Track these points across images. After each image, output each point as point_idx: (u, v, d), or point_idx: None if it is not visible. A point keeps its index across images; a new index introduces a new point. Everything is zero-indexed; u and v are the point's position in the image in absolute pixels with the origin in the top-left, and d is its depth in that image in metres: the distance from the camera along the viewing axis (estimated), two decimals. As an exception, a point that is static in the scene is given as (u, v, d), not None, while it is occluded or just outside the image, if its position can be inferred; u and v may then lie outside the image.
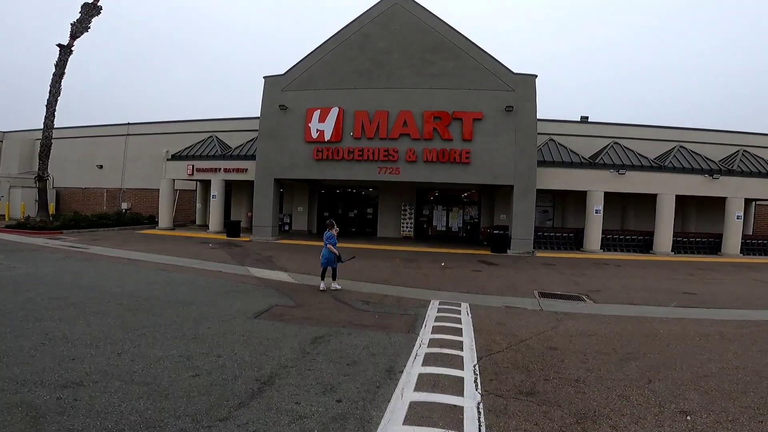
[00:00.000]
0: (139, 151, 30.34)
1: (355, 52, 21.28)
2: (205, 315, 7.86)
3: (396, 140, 20.32)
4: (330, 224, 11.09)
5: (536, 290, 11.79)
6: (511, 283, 12.75)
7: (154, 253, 15.94)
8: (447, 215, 25.37)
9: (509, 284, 12.63)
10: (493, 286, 12.29)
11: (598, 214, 21.26)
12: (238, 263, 14.39)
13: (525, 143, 19.86)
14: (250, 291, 10.24)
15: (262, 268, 13.69)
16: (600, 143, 24.63)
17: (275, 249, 18.28)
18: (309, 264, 14.60)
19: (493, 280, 13.12)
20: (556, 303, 10.33)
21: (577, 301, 10.72)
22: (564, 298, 10.99)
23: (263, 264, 14.41)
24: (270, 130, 21.58)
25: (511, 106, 19.70)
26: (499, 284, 12.57)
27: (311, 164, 21.09)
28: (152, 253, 15.76)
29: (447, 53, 20.62)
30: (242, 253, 16.89)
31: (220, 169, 24.07)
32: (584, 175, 21.43)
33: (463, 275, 13.79)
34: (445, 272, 14.16)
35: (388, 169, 20.39)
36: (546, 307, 9.86)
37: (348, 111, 20.81)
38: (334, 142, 20.77)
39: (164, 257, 15.00)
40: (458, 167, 19.98)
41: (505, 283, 12.82)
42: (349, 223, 26.63)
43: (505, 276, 14.03)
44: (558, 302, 10.43)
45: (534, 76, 20.32)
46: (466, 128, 19.91)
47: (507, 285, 12.49)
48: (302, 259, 15.60)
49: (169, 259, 14.70)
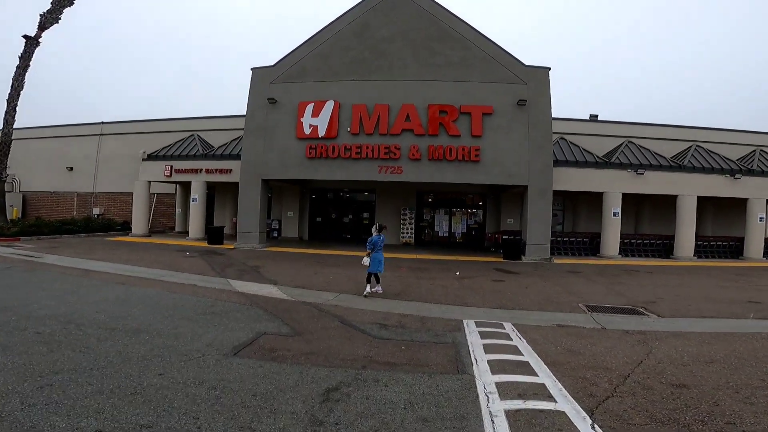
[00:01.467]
0: (114, 152, 27.53)
1: (353, 42, 19.07)
2: (161, 350, 5.44)
3: (398, 136, 18.07)
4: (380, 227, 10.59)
5: (580, 303, 9.88)
6: (546, 295, 10.58)
7: (119, 262, 13.33)
8: (449, 220, 23.15)
9: (544, 296, 10.44)
10: (526, 299, 10.09)
11: (617, 217, 19.29)
12: (218, 275, 11.88)
13: (540, 140, 17.78)
14: (230, 312, 7.79)
15: (246, 280, 11.21)
16: (611, 143, 22.75)
17: (263, 258, 15.78)
18: (303, 276, 12.16)
19: (522, 292, 10.89)
20: (613, 318, 8.52)
21: (637, 315, 8.92)
22: (619, 312, 9.17)
23: (248, 276, 11.93)
24: (257, 126, 19.15)
25: (524, 100, 17.64)
26: (532, 297, 10.35)
27: (303, 163, 18.70)
28: (116, 263, 13.15)
29: (453, 43, 18.53)
30: (224, 262, 14.36)
31: (201, 170, 21.49)
32: (601, 176, 19.45)
33: (486, 286, 11.52)
34: (463, 283, 11.87)
35: (389, 168, 18.10)
36: (607, 325, 7.98)
37: (345, 104, 18.52)
38: (329, 139, 18.42)
39: (129, 268, 12.41)
40: (467, 166, 17.79)
41: (538, 295, 10.62)
42: (344, 229, 24.22)
43: (533, 286, 11.82)
44: (616, 317, 8.64)
45: (547, 68, 18.35)
46: (476, 123, 17.77)
47: (542, 297, 10.30)
48: (295, 270, 13.14)
49: (135, 270, 12.11)
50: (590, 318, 8.52)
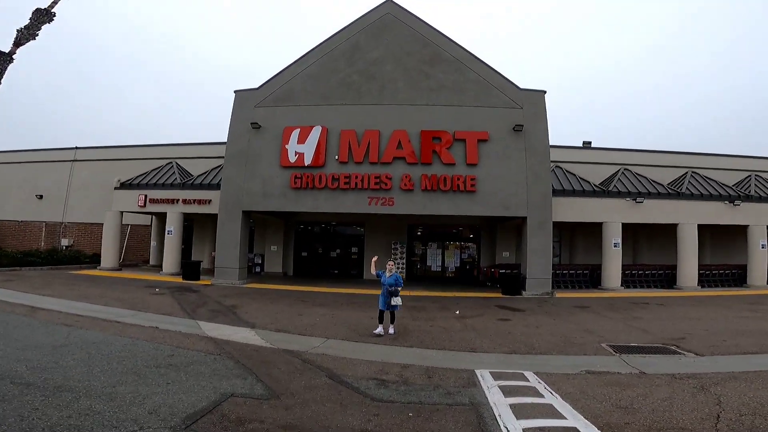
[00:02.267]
0: (87, 180, 25.97)
1: (342, 64, 18.33)
2: (80, 419, 4.03)
3: (389, 165, 17.06)
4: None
5: (602, 343, 8.80)
6: (561, 335, 9.38)
7: (74, 299, 11.73)
8: (442, 254, 21.93)
9: (560, 337, 9.23)
10: (541, 340, 8.86)
11: (617, 247, 18.33)
12: (187, 315, 10.36)
13: (538, 168, 16.94)
14: (193, 364, 6.34)
15: (220, 322, 9.73)
16: (605, 171, 22.06)
17: (242, 296, 14.26)
18: (286, 317, 10.71)
19: (534, 332, 9.62)
20: (648, 360, 7.50)
21: (671, 354, 7.95)
22: (650, 351, 8.17)
23: (223, 317, 10.43)
24: (239, 153, 17.99)
25: (520, 125, 16.90)
26: (547, 338, 9.12)
27: (288, 194, 17.47)
28: (70, 300, 11.55)
29: (446, 66, 17.91)
30: (197, 301, 12.82)
31: (177, 200, 20.07)
32: (599, 205, 18.60)
33: (491, 327, 10.22)
34: (466, 323, 10.55)
35: (380, 199, 16.97)
36: (645, 368, 6.92)
37: (333, 130, 17.55)
38: (316, 167, 17.32)
39: (83, 306, 10.81)
40: (462, 196, 16.77)
41: (552, 335, 9.38)
42: (332, 264, 22.75)
43: (544, 325, 10.56)
44: (650, 359, 7.59)
45: (543, 92, 17.75)
46: (471, 150, 16.91)
47: (558, 338, 9.10)
48: (277, 310, 11.67)
49: (89, 308, 10.53)
50: (621, 361, 7.43)
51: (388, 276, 9.58)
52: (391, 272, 9.67)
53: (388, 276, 9.58)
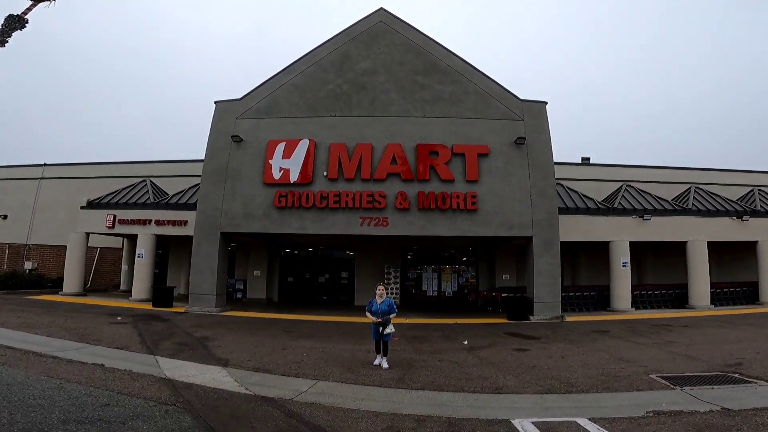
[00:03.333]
0: (54, 199, 23.95)
1: (332, 74, 17.13)
2: None
3: (383, 182, 15.66)
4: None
5: (650, 374, 7.44)
6: (596, 366, 7.99)
7: (15, 328, 9.92)
8: (438, 277, 20.40)
9: (595, 369, 7.84)
10: (575, 374, 7.46)
11: (626, 267, 17.10)
12: (145, 350, 8.59)
13: (542, 184, 15.73)
14: (132, 419, 4.67)
15: (184, 358, 7.99)
16: (606, 187, 21.03)
17: (217, 325, 12.45)
18: (267, 351, 9.02)
19: (562, 364, 8.17)
20: (719, 392, 6.23)
21: (740, 384, 6.70)
22: (713, 382, 6.83)
23: (190, 351, 8.68)
24: (218, 169, 16.43)
25: (522, 138, 15.77)
26: (580, 370, 7.70)
27: (271, 214, 15.87)
28: (10, 329, 9.73)
29: (442, 76, 16.84)
30: (163, 331, 11.00)
31: (150, 221, 18.27)
32: (605, 223, 17.41)
33: (510, 359, 8.69)
34: (480, 356, 8.99)
35: (372, 219, 15.48)
36: (723, 403, 5.75)
37: (321, 144, 16.18)
38: (303, 185, 15.82)
39: (22, 336, 9.01)
40: (462, 216, 15.39)
41: (586, 367, 7.96)
42: (320, 290, 20.95)
43: (570, 355, 9.10)
44: (719, 390, 6.33)
45: (544, 102, 16.73)
46: (470, 166, 15.66)
47: (595, 371, 7.71)
48: (257, 343, 9.93)
49: (27, 339, 8.73)
50: (687, 396, 6.12)
51: (379, 302, 8.18)
52: (382, 298, 8.28)
53: (380, 302, 8.17)
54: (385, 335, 7.90)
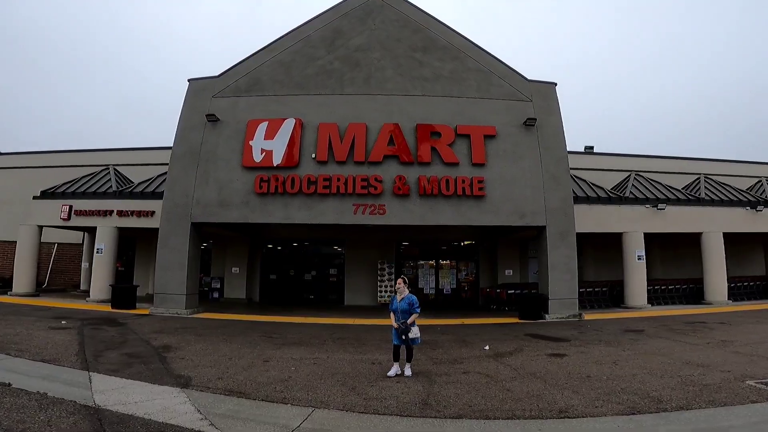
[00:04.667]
0: (8, 191, 21.13)
1: (321, 50, 15.09)
2: None
3: (379, 165, 13.69)
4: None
5: (745, 380, 5.90)
6: (668, 374, 6.42)
7: None
8: (436, 274, 18.51)
9: (670, 376, 6.23)
10: (651, 385, 5.85)
11: (641, 260, 15.57)
12: (80, 364, 6.41)
13: (555, 169, 14.02)
14: None
15: (130, 376, 5.87)
16: (611, 177, 19.43)
17: (185, 331, 10.28)
18: (244, 365, 6.93)
19: (621, 372, 6.43)
20: None
21: None
22: None
23: (140, 366, 6.54)
24: (189, 152, 14.18)
25: (533, 119, 14.03)
26: (651, 379, 6.06)
27: (251, 201, 13.74)
28: None
29: (442, 53, 14.99)
30: (114, 339, 8.80)
31: (111, 212, 15.87)
32: (618, 213, 15.80)
33: (552, 368, 6.84)
34: (511, 364, 7.12)
35: (367, 206, 13.49)
36: None
37: (309, 124, 14.12)
38: (288, 168, 13.74)
39: None
40: (468, 203, 13.54)
41: (651, 374, 6.33)
42: (306, 288, 18.75)
43: (622, 360, 7.40)
44: None
45: (553, 83, 15.05)
46: (476, 148, 13.83)
47: (671, 379, 6.07)
48: (231, 354, 7.81)
49: None
50: None
51: (399, 299, 6.86)
52: (402, 294, 6.78)
53: (400, 299, 6.85)
54: (412, 340, 6.62)
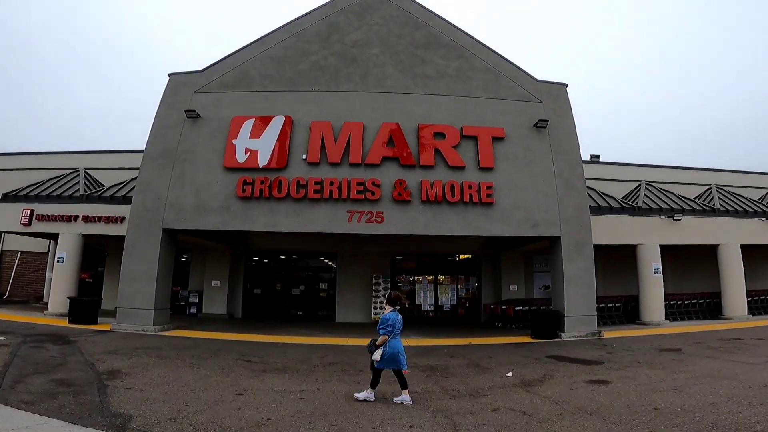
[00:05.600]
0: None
1: (316, 46, 13.73)
2: None
3: (377, 167, 12.21)
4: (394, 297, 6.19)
5: None
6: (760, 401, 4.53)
7: None
8: (435, 289, 16.94)
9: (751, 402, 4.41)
10: (746, 413, 4.06)
11: (658, 274, 14.27)
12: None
13: (569, 175, 12.70)
14: None
15: (44, 412, 4.16)
16: (618, 188, 18.10)
17: (146, 352, 8.52)
18: (210, 398, 5.22)
19: (695, 402, 4.78)
20: None
21: None
22: None
23: (69, 398, 4.81)
24: (165, 151, 12.54)
25: (544, 120, 12.77)
26: (746, 411, 4.26)
27: (233, 206, 12.08)
28: None
29: (445, 51, 13.73)
30: (51, 360, 7.01)
31: (77, 218, 14.03)
32: (632, 224, 14.47)
33: (604, 401, 5.27)
34: (547, 395, 5.56)
35: (363, 214, 11.94)
36: None
37: (300, 122, 12.65)
38: (275, 170, 12.18)
39: None
40: (476, 211, 12.09)
41: (741, 403, 4.54)
42: (293, 303, 16.90)
43: (686, 387, 5.88)
44: None
45: (564, 84, 13.90)
46: (484, 151, 12.46)
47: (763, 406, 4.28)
48: (196, 384, 6.08)
49: None
50: None
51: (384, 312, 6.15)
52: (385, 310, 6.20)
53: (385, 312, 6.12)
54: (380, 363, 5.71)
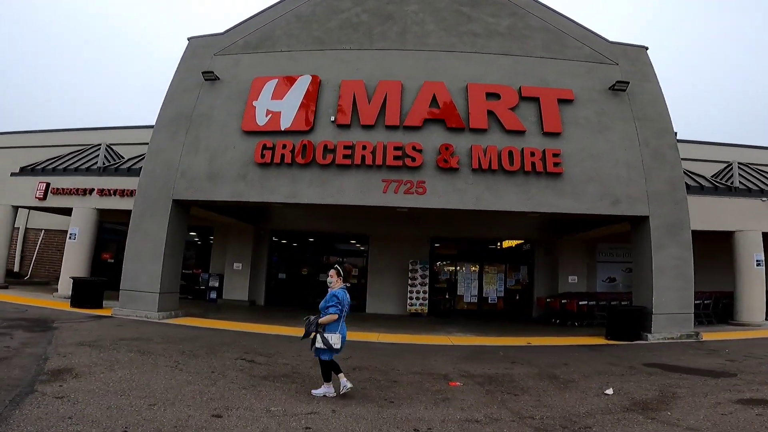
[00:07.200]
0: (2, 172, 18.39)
1: (347, 2, 11.42)
2: None
3: (418, 130, 9.90)
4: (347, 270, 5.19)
5: None
6: None
7: None
8: (479, 279, 14.57)
9: None
10: None
11: (760, 267, 11.40)
12: None
13: (658, 144, 9.94)
14: None
15: None
16: (703, 169, 14.62)
17: (129, 344, 6.67)
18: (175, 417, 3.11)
19: None
20: None
21: None
22: None
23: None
24: (180, 116, 10.69)
25: (624, 82, 10.02)
26: None
27: (249, 174, 10.06)
28: None
29: (495, 8, 11.09)
30: (2, 353, 5.23)
31: (91, 191, 12.57)
32: (728, 208, 11.52)
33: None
34: (680, 422, 3.14)
35: (402, 183, 9.69)
36: None
37: (329, 82, 10.48)
38: (299, 133, 10.08)
39: None
40: (540, 183, 9.58)
41: None
42: (321, 291, 14.94)
43: None
44: None
45: (643, 47, 11.06)
46: (549, 113, 9.89)
47: None
48: (165, 392, 4.01)
49: None
50: None
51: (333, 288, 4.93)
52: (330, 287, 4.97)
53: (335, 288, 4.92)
54: (316, 350, 4.75)
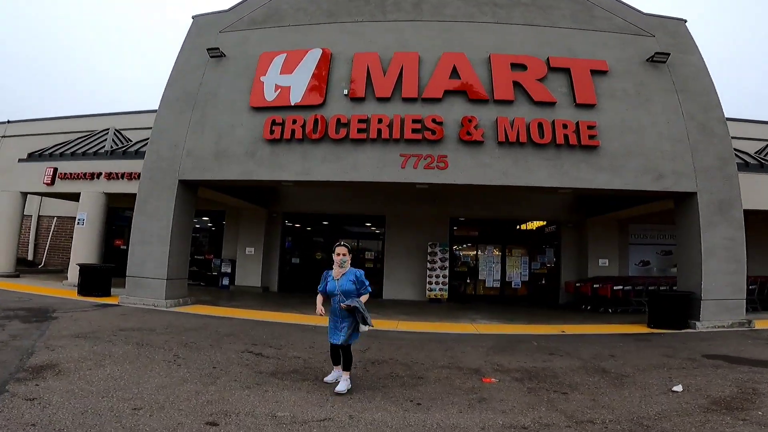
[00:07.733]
0: (13, 161, 18.13)
1: (359, -27, 10.62)
2: None
3: (438, 102, 9.01)
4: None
5: None
6: None
7: None
8: (503, 261, 13.76)
9: None
10: None
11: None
12: None
13: (704, 118, 8.87)
14: None
15: None
16: (746, 147, 13.71)
17: (128, 335, 6.09)
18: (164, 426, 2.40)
19: None
20: None
21: None
22: None
23: None
24: (185, 95, 9.94)
25: (664, 53, 8.93)
26: None
27: (259, 151, 9.31)
28: None
29: (518, -26, 10.16)
30: None
31: (99, 175, 12.02)
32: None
33: None
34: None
35: (422, 158, 8.81)
36: None
37: (340, 55, 9.59)
38: (310, 107, 9.26)
39: None
40: (574, 157, 8.64)
41: None
42: (333, 276, 14.44)
43: None
44: None
45: (682, 20, 9.89)
46: (581, 84, 8.86)
47: None
48: (156, 392, 3.34)
49: None
50: None
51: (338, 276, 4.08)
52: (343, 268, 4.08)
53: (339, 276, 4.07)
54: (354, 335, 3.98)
